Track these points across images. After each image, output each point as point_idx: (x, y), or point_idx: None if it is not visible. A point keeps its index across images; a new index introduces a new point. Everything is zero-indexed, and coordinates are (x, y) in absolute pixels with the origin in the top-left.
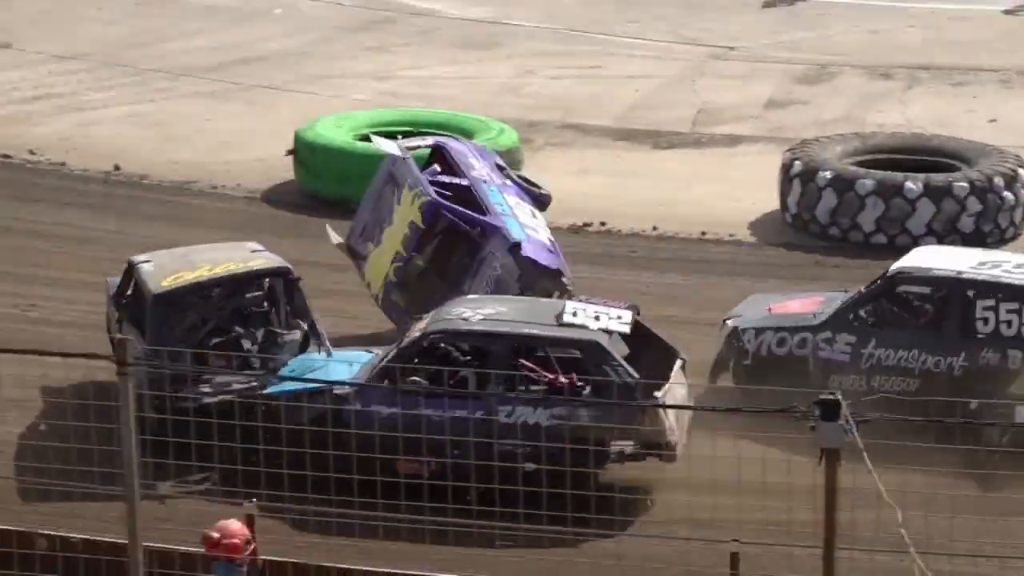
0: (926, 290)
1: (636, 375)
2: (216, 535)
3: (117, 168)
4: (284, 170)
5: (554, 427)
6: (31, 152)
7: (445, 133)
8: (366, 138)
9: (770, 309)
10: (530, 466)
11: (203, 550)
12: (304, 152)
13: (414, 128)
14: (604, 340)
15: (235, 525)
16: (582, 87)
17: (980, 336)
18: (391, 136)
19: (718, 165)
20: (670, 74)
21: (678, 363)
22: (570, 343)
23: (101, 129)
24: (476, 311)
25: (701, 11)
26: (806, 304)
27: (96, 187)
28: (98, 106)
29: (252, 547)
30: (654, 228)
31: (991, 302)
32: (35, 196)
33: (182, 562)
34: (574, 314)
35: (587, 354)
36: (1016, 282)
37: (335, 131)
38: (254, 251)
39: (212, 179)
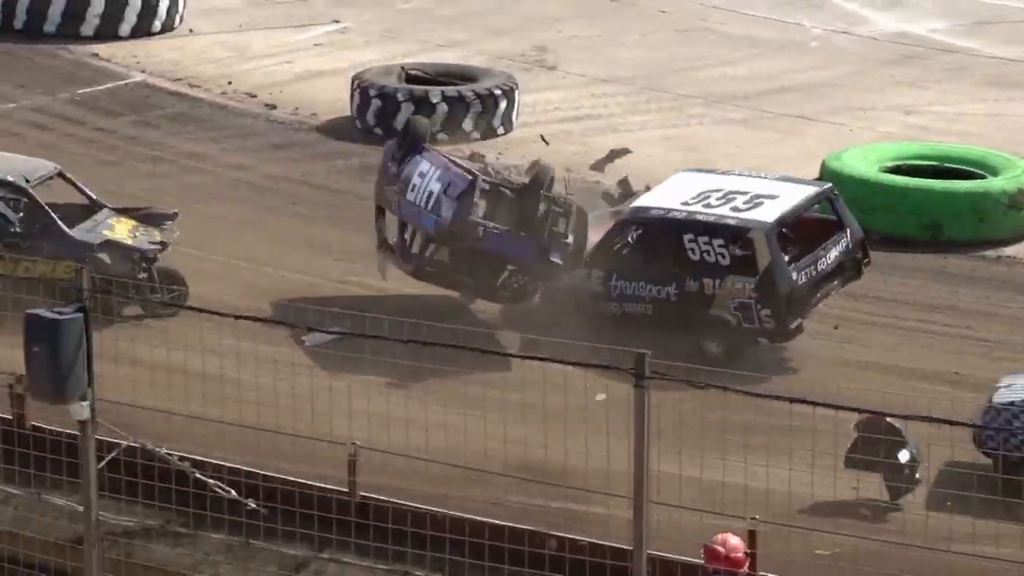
0: (646, 228)
1: None
2: (721, 549)
3: (648, 188)
4: None
5: None
6: (568, 170)
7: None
8: (893, 170)
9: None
10: None
11: (703, 561)
12: (830, 181)
13: (939, 162)
14: None
15: (735, 539)
16: None
17: (687, 266)
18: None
19: None
20: None
21: None
22: None
23: (635, 150)
24: None
25: None
26: None
27: None
28: (634, 128)
29: (749, 562)
30: None
31: (691, 236)
32: None
33: (683, 572)
34: None
35: None
36: (703, 218)
37: (861, 162)
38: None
39: None
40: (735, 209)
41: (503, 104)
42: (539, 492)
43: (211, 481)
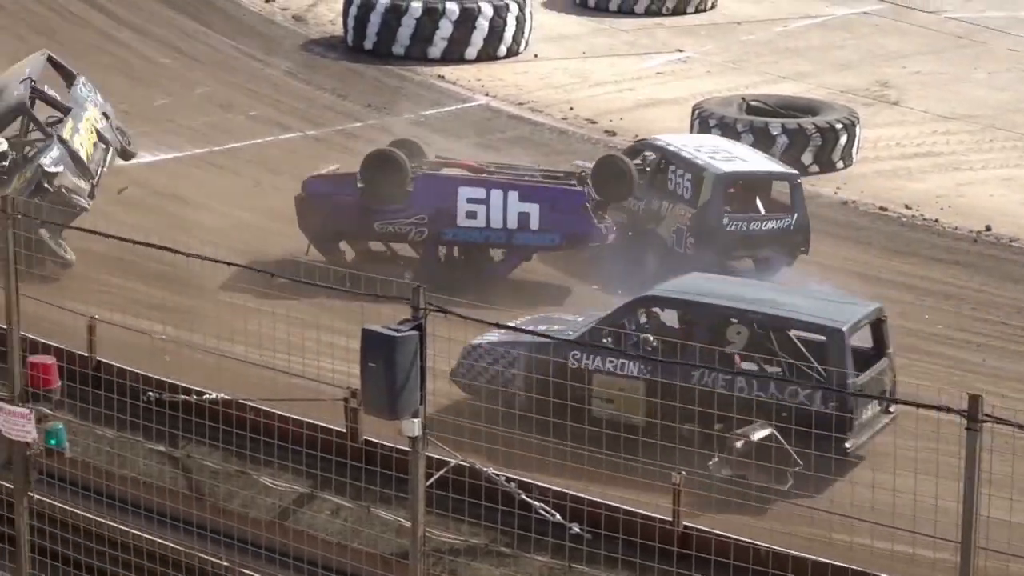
0: (652, 155)
1: None
2: None
3: (988, 229)
4: None
5: None
6: (906, 207)
7: None
8: None
9: None
10: None
11: None
12: None
13: None
14: None
15: None
16: None
17: (662, 190)
18: None
19: None
20: None
21: None
22: None
23: (976, 190)
24: None
25: None
26: None
27: (965, 245)
28: (976, 167)
29: None
30: None
31: (674, 167)
32: (907, 250)
33: None
34: None
35: None
36: (684, 155)
37: None
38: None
39: None
40: (711, 158)
41: (843, 138)
42: (865, 531)
43: (536, 503)
